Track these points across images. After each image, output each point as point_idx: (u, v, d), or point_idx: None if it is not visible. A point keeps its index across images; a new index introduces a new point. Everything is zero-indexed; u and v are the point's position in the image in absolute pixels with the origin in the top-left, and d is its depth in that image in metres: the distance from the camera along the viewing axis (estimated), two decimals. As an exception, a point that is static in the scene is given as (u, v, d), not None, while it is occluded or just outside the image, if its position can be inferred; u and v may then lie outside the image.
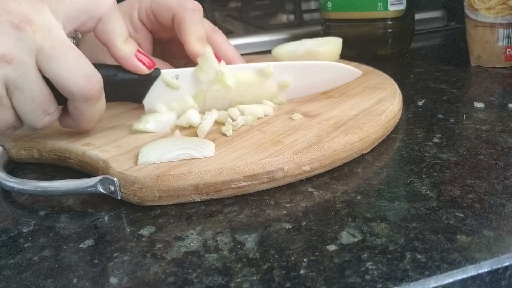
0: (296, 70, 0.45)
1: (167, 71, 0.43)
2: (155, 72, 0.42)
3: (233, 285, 0.25)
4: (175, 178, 0.33)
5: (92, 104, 0.36)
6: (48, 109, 0.36)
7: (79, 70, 0.34)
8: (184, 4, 0.45)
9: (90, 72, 0.35)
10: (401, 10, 0.66)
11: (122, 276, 0.27)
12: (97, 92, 0.36)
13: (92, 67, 0.36)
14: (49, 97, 0.35)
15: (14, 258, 0.29)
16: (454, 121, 0.44)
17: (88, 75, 0.35)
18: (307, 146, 0.36)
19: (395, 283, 0.24)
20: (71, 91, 0.35)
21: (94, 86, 0.35)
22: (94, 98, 0.36)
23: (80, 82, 0.34)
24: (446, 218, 0.29)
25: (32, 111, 0.35)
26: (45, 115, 0.36)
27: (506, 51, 0.59)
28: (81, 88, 0.35)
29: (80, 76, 0.34)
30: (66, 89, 0.35)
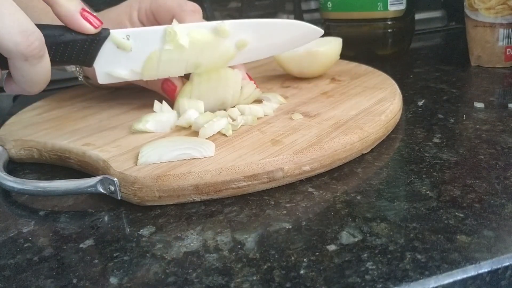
0: (254, 28, 0.44)
1: (117, 31, 0.40)
2: (104, 32, 0.40)
3: (233, 285, 0.25)
4: (175, 178, 0.33)
5: (33, 63, 0.34)
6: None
7: (14, 25, 0.32)
8: (183, 6, 0.45)
9: (28, 28, 0.33)
10: (401, 10, 0.66)
11: (122, 276, 0.27)
12: (36, 50, 0.33)
13: (30, 23, 0.33)
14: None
15: (14, 258, 0.29)
16: (454, 121, 0.44)
17: (25, 31, 0.33)
18: (307, 146, 0.36)
19: (395, 283, 0.24)
20: (6, 47, 0.32)
21: (33, 43, 0.33)
22: (34, 56, 0.34)
23: (16, 38, 0.32)
24: (446, 218, 0.29)
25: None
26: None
27: (506, 51, 0.59)
28: (18, 45, 0.32)
29: (16, 31, 0.32)
30: (2, 46, 0.32)
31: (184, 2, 0.46)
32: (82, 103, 0.52)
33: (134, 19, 0.47)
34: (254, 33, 0.44)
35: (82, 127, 0.44)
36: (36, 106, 0.52)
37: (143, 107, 0.45)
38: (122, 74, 0.42)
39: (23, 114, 0.50)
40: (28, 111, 0.51)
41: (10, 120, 0.48)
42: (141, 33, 0.41)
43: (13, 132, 0.44)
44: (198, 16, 0.45)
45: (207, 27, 0.42)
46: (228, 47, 0.43)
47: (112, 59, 0.41)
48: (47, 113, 0.49)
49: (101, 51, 0.40)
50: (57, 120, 0.47)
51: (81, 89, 0.56)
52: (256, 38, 0.44)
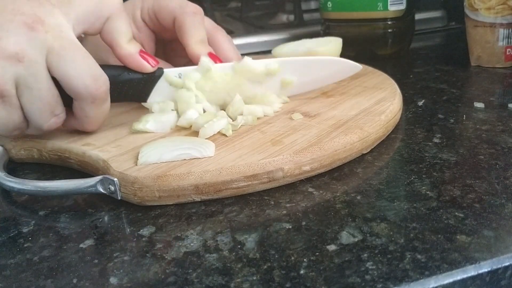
0: (298, 66, 0.45)
1: (171, 70, 0.43)
2: (159, 71, 0.42)
3: (233, 285, 0.25)
4: (175, 178, 0.33)
5: (98, 105, 0.37)
6: (55, 110, 0.36)
7: (86, 70, 0.35)
8: (185, 7, 0.45)
9: (97, 73, 0.36)
10: (401, 10, 0.66)
11: (122, 276, 0.27)
12: (103, 93, 0.36)
13: (99, 68, 0.36)
14: (57, 98, 0.36)
15: (14, 258, 0.29)
16: (454, 121, 0.44)
17: (95, 75, 0.35)
18: (307, 146, 0.36)
19: (395, 283, 0.24)
20: (78, 90, 0.35)
21: (101, 87, 0.36)
22: (100, 99, 0.36)
23: (87, 82, 0.35)
24: (446, 218, 0.29)
25: (39, 111, 0.35)
26: (51, 116, 0.36)
27: (506, 51, 0.59)
28: (88, 88, 0.35)
29: (88, 76, 0.35)
30: (74, 88, 0.35)
31: (186, 4, 0.46)
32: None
33: (137, 18, 0.48)
34: (298, 71, 0.45)
35: (82, 127, 0.44)
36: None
37: (143, 107, 0.44)
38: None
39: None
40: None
41: (10, 120, 0.48)
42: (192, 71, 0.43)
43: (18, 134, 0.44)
44: (199, 18, 0.46)
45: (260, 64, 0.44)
46: (273, 84, 0.45)
47: (165, 96, 0.43)
48: (47, 113, 0.49)
49: (155, 88, 0.43)
50: (57, 120, 0.47)
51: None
52: (299, 76, 0.45)
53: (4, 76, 0.33)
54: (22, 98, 0.35)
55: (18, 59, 0.33)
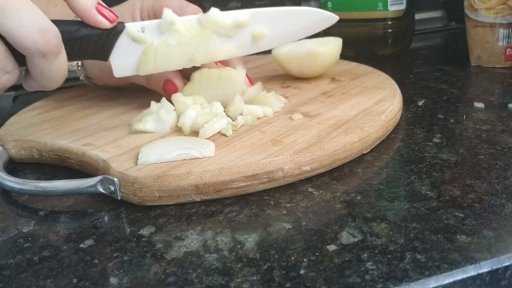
0: (270, 17, 0.43)
1: (132, 24, 0.41)
2: (120, 26, 0.40)
3: (233, 285, 0.25)
4: (175, 178, 0.33)
5: (50, 60, 0.34)
6: (5, 67, 0.34)
7: (32, 24, 0.33)
8: (185, 8, 0.45)
9: (45, 26, 0.33)
10: (401, 10, 0.66)
11: (122, 276, 0.27)
12: (54, 47, 0.34)
13: (47, 21, 0.34)
14: (5, 53, 0.34)
15: (14, 258, 0.29)
16: (454, 121, 0.44)
17: (43, 29, 0.33)
18: (307, 146, 0.36)
19: (395, 283, 0.24)
20: (25, 45, 0.33)
21: (50, 40, 0.33)
22: (51, 53, 0.34)
23: (34, 36, 0.33)
24: (446, 218, 0.29)
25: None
26: (3, 73, 0.34)
27: (506, 51, 0.59)
28: (36, 43, 0.33)
29: (34, 30, 0.33)
30: (20, 44, 0.33)
31: (186, 5, 0.46)
32: (82, 103, 0.52)
33: (137, 18, 0.48)
34: (270, 22, 0.43)
35: (82, 127, 0.44)
36: (36, 106, 0.52)
37: (143, 107, 0.44)
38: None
39: (23, 114, 0.50)
40: (28, 111, 0.51)
41: (10, 120, 0.48)
42: (155, 25, 0.41)
43: (13, 132, 0.44)
44: None
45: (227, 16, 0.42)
46: (245, 37, 0.43)
47: (128, 52, 0.41)
48: (47, 113, 0.49)
49: (117, 44, 0.40)
50: (57, 120, 0.47)
51: (81, 89, 0.56)
52: (272, 27, 0.43)
53: None
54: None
55: None
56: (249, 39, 0.43)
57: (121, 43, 0.40)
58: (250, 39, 0.43)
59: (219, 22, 0.42)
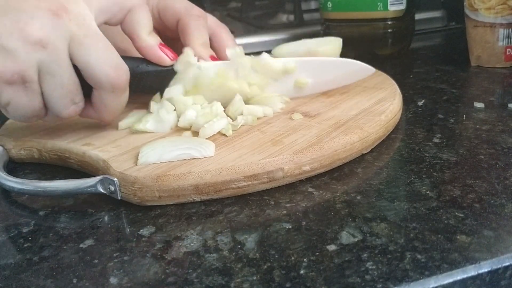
0: (314, 67, 0.46)
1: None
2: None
3: (233, 285, 0.25)
4: (175, 178, 0.33)
5: (117, 94, 0.37)
6: (75, 98, 0.36)
7: (108, 60, 0.35)
8: (190, 10, 0.46)
9: (118, 62, 0.36)
10: (401, 10, 0.66)
11: (122, 276, 0.27)
12: (124, 82, 0.37)
13: (120, 58, 0.37)
14: (77, 86, 0.36)
15: (14, 258, 0.29)
16: (454, 121, 0.44)
17: (116, 65, 0.36)
18: (307, 146, 0.36)
19: (395, 283, 0.24)
20: (99, 79, 0.36)
21: (122, 76, 0.36)
22: (120, 88, 0.37)
23: (108, 71, 0.35)
24: (446, 218, 0.29)
25: (60, 98, 0.36)
26: (71, 103, 0.36)
27: (506, 51, 0.59)
28: (109, 77, 0.35)
29: (109, 65, 0.35)
30: (95, 77, 0.35)
31: (191, 7, 0.46)
32: (82, 103, 0.51)
33: None
34: (313, 71, 0.46)
35: (82, 127, 0.44)
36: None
37: (143, 107, 0.44)
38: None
39: (23, 114, 0.50)
40: (28, 111, 0.51)
41: (10, 120, 0.48)
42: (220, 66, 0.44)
43: (13, 132, 0.44)
44: (203, 22, 0.46)
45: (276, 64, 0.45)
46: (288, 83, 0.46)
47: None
48: (47, 113, 0.49)
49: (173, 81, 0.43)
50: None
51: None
52: (313, 76, 0.46)
53: (27, 62, 0.33)
54: (44, 84, 0.35)
55: (42, 45, 0.33)
56: (291, 85, 0.46)
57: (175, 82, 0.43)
58: (292, 85, 0.46)
59: (270, 67, 0.44)
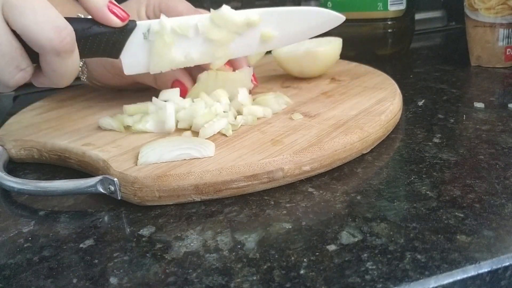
0: (279, 18, 0.43)
1: (144, 23, 0.41)
2: (131, 24, 0.40)
3: (233, 285, 0.25)
4: (175, 178, 0.33)
5: (64, 57, 0.34)
6: (20, 64, 0.34)
7: (47, 21, 0.32)
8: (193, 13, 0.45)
9: (60, 24, 0.33)
10: (401, 10, 0.66)
11: (122, 276, 0.27)
12: (68, 45, 0.34)
13: (62, 19, 0.34)
14: (20, 51, 0.33)
15: (14, 258, 0.29)
16: (454, 121, 0.44)
17: (58, 27, 0.33)
18: (307, 146, 0.36)
19: (395, 283, 0.24)
20: (40, 43, 0.33)
21: (65, 38, 0.33)
22: (65, 51, 0.34)
23: (49, 34, 0.32)
24: (446, 218, 0.29)
25: (3, 67, 0.33)
26: (17, 70, 0.34)
27: (506, 51, 0.59)
28: (51, 41, 0.33)
29: (49, 27, 0.32)
30: (35, 42, 0.33)
31: (194, 11, 0.46)
32: (82, 103, 0.52)
33: (142, 14, 0.48)
34: (279, 22, 0.43)
35: (82, 127, 0.44)
36: (36, 106, 0.52)
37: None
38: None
39: (23, 114, 0.50)
40: (28, 111, 0.51)
41: (10, 120, 0.48)
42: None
43: (13, 132, 0.44)
44: None
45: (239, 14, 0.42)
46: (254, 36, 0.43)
47: (139, 50, 0.41)
48: (47, 113, 0.49)
49: (128, 42, 0.40)
50: (57, 120, 0.47)
51: (81, 89, 0.56)
52: (280, 28, 0.43)
53: None
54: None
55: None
56: (257, 39, 0.44)
57: (132, 41, 0.40)
58: (258, 39, 0.44)
59: (231, 20, 0.42)
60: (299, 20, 0.44)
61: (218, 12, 0.41)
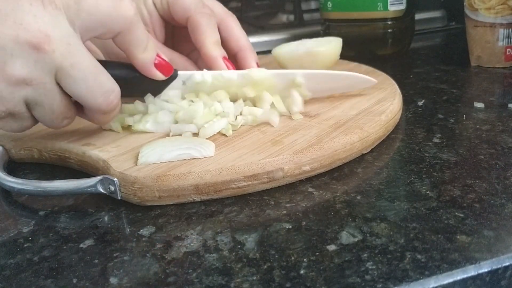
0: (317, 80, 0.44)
1: (185, 73, 0.43)
2: (173, 74, 0.42)
3: (233, 285, 0.25)
4: (175, 178, 0.33)
5: (108, 114, 0.37)
6: (67, 114, 0.36)
7: (98, 89, 0.34)
8: (201, 8, 0.45)
9: (108, 88, 0.35)
10: (401, 10, 0.66)
11: (122, 276, 0.27)
12: (114, 106, 0.36)
13: (110, 82, 0.35)
14: (69, 105, 0.35)
15: (14, 258, 0.29)
16: (454, 121, 0.44)
17: (106, 92, 0.35)
18: (307, 146, 0.36)
19: (395, 283, 0.24)
20: (89, 106, 0.35)
21: (113, 102, 0.35)
22: (110, 111, 0.36)
23: (98, 100, 0.35)
24: (446, 218, 0.29)
25: (51, 120, 0.35)
26: (64, 119, 0.36)
27: (506, 51, 0.59)
28: (100, 105, 0.35)
29: (99, 94, 0.34)
30: (85, 104, 0.35)
31: (202, 5, 0.45)
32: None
33: (149, 2, 0.47)
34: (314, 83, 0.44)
35: (82, 127, 0.44)
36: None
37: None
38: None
39: (23, 114, 0.50)
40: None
41: (10, 120, 0.48)
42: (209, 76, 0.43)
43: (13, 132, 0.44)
44: (214, 20, 0.46)
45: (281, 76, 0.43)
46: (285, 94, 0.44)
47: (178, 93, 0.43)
48: (47, 113, 0.49)
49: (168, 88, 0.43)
50: (57, 120, 0.47)
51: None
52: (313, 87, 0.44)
53: (13, 100, 0.32)
54: (34, 112, 0.34)
55: (26, 83, 0.32)
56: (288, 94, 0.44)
57: (171, 86, 0.43)
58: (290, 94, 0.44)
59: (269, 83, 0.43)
60: (333, 81, 0.45)
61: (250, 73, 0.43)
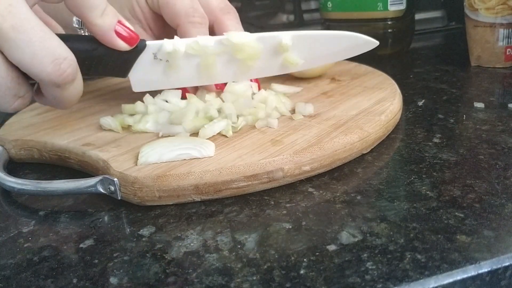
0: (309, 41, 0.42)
1: (154, 43, 0.39)
2: (140, 44, 0.38)
3: (233, 285, 0.25)
4: (175, 178, 0.33)
5: (64, 88, 0.32)
6: (18, 92, 0.32)
7: (46, 55, 0.30)
8: (190, 17, 0.43)
9: (59, 55, 0.31)
10: (401, 10, 0.66)
11: (122, 276, 0.27)
12: (69, 77, 0.31)
13: (62, 48, 0.31)
14: (18, 79, 0.31)
15: (14, 258, 0.29)
16: (454, 121, 0.44)
17: (57, 59, 0.30)
18: (307, 146, 0.36)
19: (395, 283, 0.24)
20: (38, 77, 0.31)
21: (65, 71, 0.31)
22: (65, 83, 0.32)
23: (48, 68, 0.30)
24: (446, 218, 0.29)
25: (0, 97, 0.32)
26: (15, 98, 0.32)
27: (506, 51, 0.59)
28: (49, 75, 0.30)
29: (48, 61, 0.30)
30: (33, 74, 0.31)
31: (192, 12, 0.43)
32: (82, 103, 0.52)
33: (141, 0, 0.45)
34: (306, 47, 0.42)
35: (82, 127, 0.44)
36: (36, 106, 0.52)
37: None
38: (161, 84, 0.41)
39: (23, 114, 0.50)
40: (28, 111, 0.51)
41: (10, 120, 0.48)
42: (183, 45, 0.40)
43: (13, 132, 0.44)
44: (204, 29, 0.43)
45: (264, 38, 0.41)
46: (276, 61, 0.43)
47: (149, 69, 0.40)
48: (47, 113, 0.49)
49: (137, 62, 0.39)
50: (57, 120, 0.47)
51: (81, 89, 0.56)
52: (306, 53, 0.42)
53: None
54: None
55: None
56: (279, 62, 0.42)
57: (141, 60, 0.39)
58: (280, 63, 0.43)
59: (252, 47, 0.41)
60: (328, 44, 0.43)
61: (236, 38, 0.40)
